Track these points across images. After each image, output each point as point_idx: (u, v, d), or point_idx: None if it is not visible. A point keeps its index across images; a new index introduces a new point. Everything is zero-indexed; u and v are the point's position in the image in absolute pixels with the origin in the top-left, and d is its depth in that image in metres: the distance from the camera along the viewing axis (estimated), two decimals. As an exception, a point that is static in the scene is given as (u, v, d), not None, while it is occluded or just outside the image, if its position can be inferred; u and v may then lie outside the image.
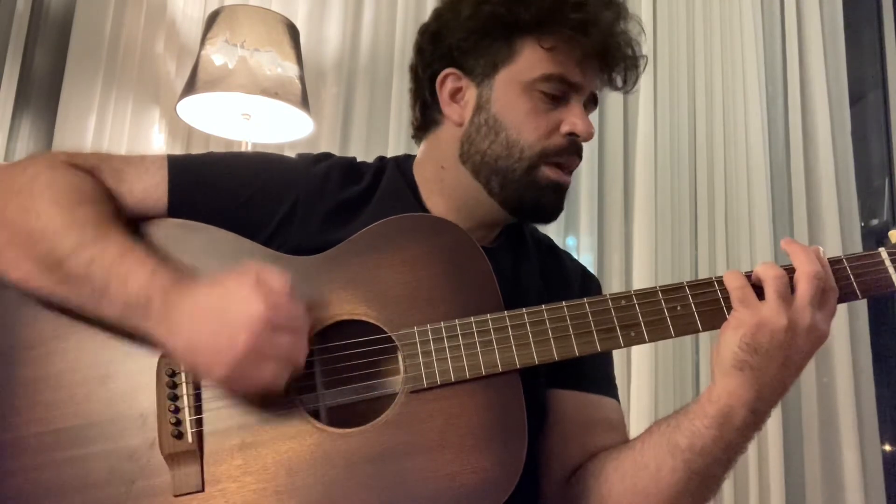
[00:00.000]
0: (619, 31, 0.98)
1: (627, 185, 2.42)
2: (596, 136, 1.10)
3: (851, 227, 2.41)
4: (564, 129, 0.97)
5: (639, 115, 2.41)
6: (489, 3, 0.97)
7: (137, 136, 2.22)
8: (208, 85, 1.92)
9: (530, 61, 0.97)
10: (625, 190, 2.42)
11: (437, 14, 1.04)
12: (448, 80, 1.01)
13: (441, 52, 1.02)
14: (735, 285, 0.84)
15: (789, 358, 0.82)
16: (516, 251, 1.08)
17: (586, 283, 1.12)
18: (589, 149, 1.15)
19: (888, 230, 0.89)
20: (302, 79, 2.03)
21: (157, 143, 2.26)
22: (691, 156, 2.45)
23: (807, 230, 2.38)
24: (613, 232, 2.38)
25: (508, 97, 0.98)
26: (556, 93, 0.97)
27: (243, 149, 2.08)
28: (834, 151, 2.42)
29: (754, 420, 0.84)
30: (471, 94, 1.00)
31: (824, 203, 2.39)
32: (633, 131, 2.43)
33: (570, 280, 1.10)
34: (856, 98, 2.59)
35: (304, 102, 2.02)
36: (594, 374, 1.05)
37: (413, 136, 1.10)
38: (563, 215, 2.38)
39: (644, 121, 2.39)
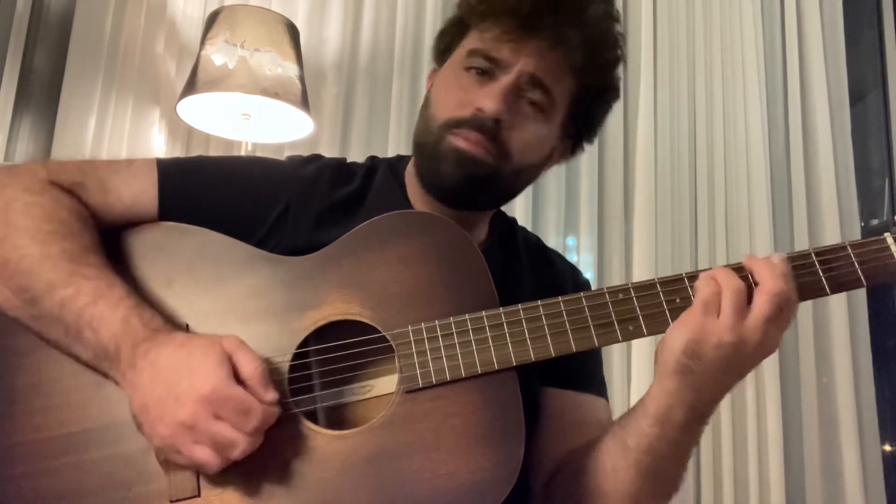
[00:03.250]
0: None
1: (627, 185, 2.42)
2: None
3: (851, 227, 2.41)
4: (475, 104, 0.94)
5: (639, 115, 2.41)
6: (458, 6, 1.01)
7: (137, 136, 2.22)
8: (208, 85, 1.92)
9: (466, 45, 0.99)
10: (625, 190, 2.42)
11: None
12: (429, 80, 1.06)
13: (433, 55, 1.07)
14: (709, 290, 0.80)
15: (734, 368, 0.81)
16: (507, 253, 1.07)
17: (578, 283, 1.12)
18: (589, 149, 1.14)
19: (888, 230, 0.86)
20: (302, 79, 2.03)
21: (157, 143, 2.26)
22: (691, 156, 2.45)
23: (807, 230, 2.38)
24: (613, 232, 2.38)
25: (442, 78, 1.02)
26: (482, 67, 0.96)
27: (243, 149, 2.09)
28: (834, 151, 2.42)
29: (696, 417, 0.83)
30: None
31: (824, 203, 2.38)
32: (633, 131, 2.42)
33: (561, 281, 1.09)
34: (856, 98, 2.59)
35: (304, 102, 2.02)
36: (587, 374, 1.05)
37: None
38: (562, 215, 2.41)
39: (644, 121, 2.39)
